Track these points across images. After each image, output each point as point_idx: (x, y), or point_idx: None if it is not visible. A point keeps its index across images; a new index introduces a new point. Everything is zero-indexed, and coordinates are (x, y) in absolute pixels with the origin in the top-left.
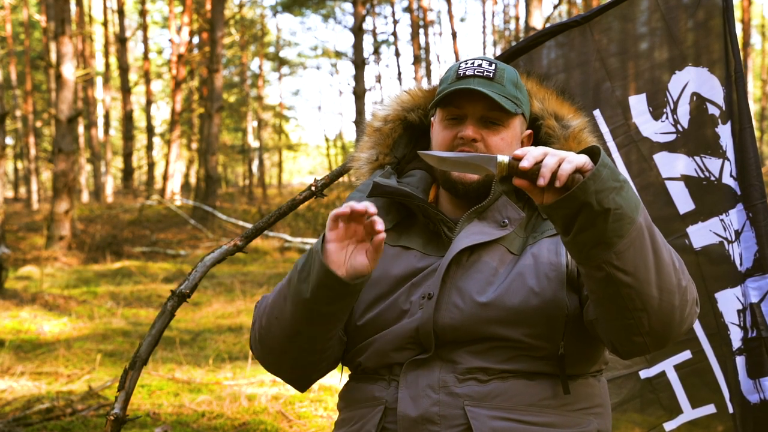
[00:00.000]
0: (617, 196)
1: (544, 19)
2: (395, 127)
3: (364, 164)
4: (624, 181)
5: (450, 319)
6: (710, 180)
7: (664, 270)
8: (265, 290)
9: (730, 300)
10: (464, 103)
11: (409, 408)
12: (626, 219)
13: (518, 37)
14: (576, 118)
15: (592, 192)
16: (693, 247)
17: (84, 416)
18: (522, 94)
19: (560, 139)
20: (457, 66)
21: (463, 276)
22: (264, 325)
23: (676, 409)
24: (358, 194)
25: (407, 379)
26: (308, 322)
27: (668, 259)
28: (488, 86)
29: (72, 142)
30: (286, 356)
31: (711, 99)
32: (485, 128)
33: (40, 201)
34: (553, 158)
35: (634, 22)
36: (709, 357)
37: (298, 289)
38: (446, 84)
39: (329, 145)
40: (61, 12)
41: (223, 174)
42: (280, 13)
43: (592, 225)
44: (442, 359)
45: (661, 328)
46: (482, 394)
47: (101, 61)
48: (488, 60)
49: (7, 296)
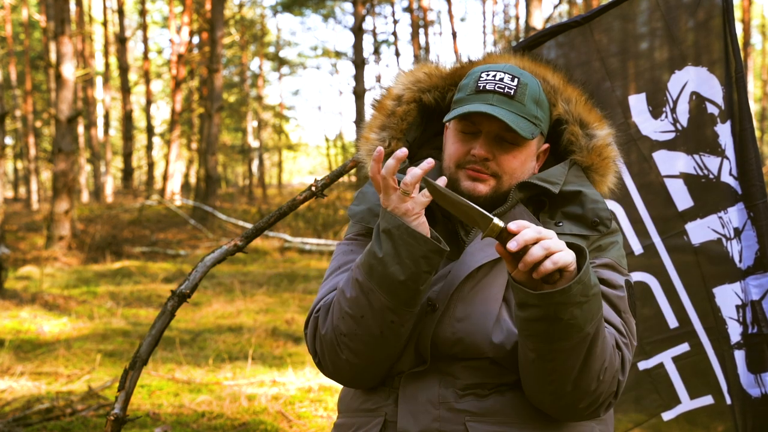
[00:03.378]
0: (577, 310)
1: (544, 19)
2: (410, 110)
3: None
4: (593, 294)
5: (451, 334)
6: (709, 178)
7: (587, 375)
8: (265, 290)
9: (729, 295)
10: (481, 121)
11: (410, 424)
12: (575, 329)
13: (518, 37)
14: (602, 128)
15: (554, 303)
16: (692, 244)
17: (84, 416)
18: (543, 111)
19: (583, 149)
20: (478, 75)
21: (471, 292)
22: (345, 332)
23: (675, 400)
24: (372, 190)
25: (406, 392)
26: (405, 305)
27: (596, 367)
28: (507, 105)
29: (72, 142)
30: (378, 354)
31: (710, 98)
32: (499, 147)
33: (40, 201)
34: (540, 251)
35: (634, 22)
36: (706, 350)
37: (388, 274)
38: (464, 93)
39: (329, 145)
40: (60, 12)
41: (223, 174)
42: (280, 13)
43: (542, 321)
44: (441, 372)
45: (561, 413)
46: (483, 409)
47: (101, 61)
48: (511, 73)
49: (7, 296)
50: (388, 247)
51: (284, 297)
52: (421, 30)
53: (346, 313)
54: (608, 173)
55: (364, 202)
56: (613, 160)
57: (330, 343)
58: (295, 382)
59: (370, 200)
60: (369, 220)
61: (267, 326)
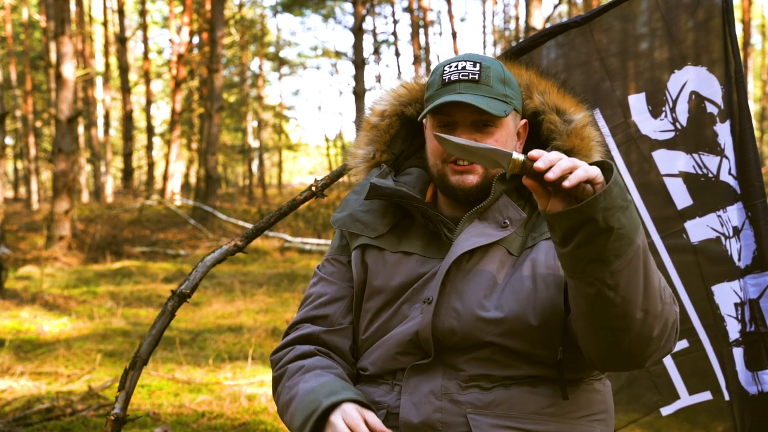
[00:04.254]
0: (623, 216)
1: (544, 19)
2: (392, 123)
3: (361, 162)
4: (630, 201)
5: (449, 324)
6: (708, 177)
7: (652, 295)
8: (265, 290)
9: (727, 293)
10: (453, 111)
11: (412, 414)
12: (626, 239)
13: (518, 37)
14: (578, 112)
15: (601, 208)
16: (690, 242)
17: (84, 416)
18: (511, 89)
19: (563, 134)
20: (441, 69)
21: (463, 280)
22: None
23: (673, 395)
24: (355, 196)
25: (409, 384)
26: None
27: (657, 284)
28: (475, 90)
29: (72, 142)
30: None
31: (710, 98)
32: (478, 132)
33: (40, 201)
34: (567, 162)
35: (634, 22)
36: (705, 347)
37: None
38: (432, 90)
39: (329, 145)
40: (60, 12)
41: (223, 174)
42: (280, 13)
43: (593, 241)
44: (445, 365)
45: (638, 351)
46: (485, 402)
47: (101, 61)
48: (472, 59)
49: (7, 296)
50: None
51: (284, 297)
52: (421, 30)
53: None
54: (593, 152)
55: (347, 208)
56: (595, 140)
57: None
58: None
59: (352, 206)
60: (349, 225)
61: (267, 326)
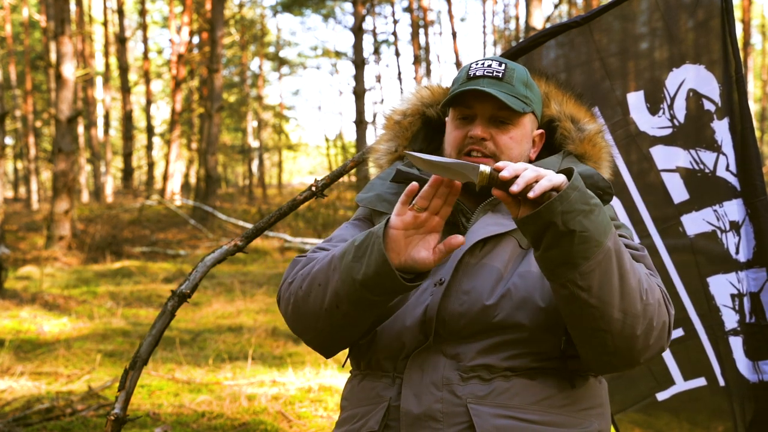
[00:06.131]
0: (584, 219)
1: (544, 19)
2: (414, 121)
3: (383, 155)
4: (595, 205)
5: (458, 306)
6: (705, 172)
7: (629, 295)
8: (265, 290)
9: (723, 284)
10: (474, 103)
11: (412, 405)
12: (593, 242)
13: (518, 37)
14: (592, 122)
15: (559, 212)
16: (687, 234)
17: (84, 416)
18: (532, 93)
19: (575, 141)
20: (468, 66)
21: (475, 267)
22: (304, 289)
23: (669, 381)
24: (380, 181)
25: (411, 375)
26: (352, 302)
27: (635, 284)
28: (497, 86)
29: (72, 142)
30: (319, 325)
31: (707, 95)
32: (495, 127)
33: (39, 201)
34: (531, 172)
35: (634, 22)
36: (700, 335)
37: (351, 266)
38: (458, 84)
39: (329, 145)
40: (60, 12)
41: (223, 174)
42: (280, 13)
43: (558, 244)
44: (446, 355)
45: (625, 350)
46: (485, 392)
47: (101, 61)
48: (498, 60)
49: (7, 296)
50: (363, 243)
51: None
52: (421, 30)
53: (312, 274)
54: (602, 160)
55: (373, 190)
56: (605, 149)
57: (288, 291)
58: (295, 382)
59: (379, 189)
60: (376, 204)
61: (267, 326)
